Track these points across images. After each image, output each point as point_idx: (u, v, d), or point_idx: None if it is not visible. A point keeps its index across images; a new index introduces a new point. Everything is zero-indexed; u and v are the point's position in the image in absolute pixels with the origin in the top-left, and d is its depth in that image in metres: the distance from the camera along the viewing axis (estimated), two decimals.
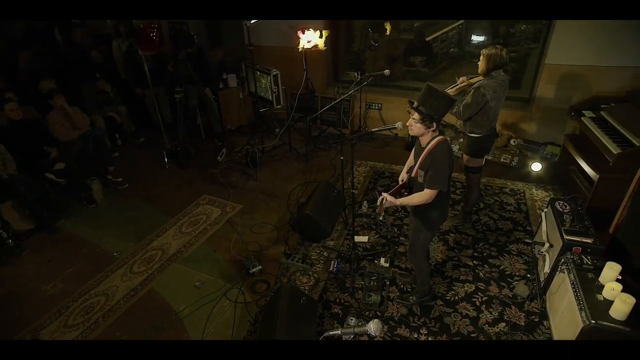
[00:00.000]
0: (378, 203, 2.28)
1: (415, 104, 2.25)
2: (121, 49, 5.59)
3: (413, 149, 2.61)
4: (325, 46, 4.60)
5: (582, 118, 3.85)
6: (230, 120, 6.02)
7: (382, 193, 2.29)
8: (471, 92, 3.08)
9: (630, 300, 2.08)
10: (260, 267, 3.30)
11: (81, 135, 4.37)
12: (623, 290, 2.26)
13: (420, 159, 2.34)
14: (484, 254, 3.35)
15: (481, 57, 3.06)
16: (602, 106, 3.93)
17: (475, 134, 3.22)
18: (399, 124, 2.42)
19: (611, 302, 2.21)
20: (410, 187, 2.52)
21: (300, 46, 4.46)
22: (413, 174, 2.42)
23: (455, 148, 4.75)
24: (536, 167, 4.37)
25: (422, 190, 2.34)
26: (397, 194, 2.44)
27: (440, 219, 2.56)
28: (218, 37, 6.35)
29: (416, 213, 2.53)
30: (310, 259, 3.39)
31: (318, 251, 3.51)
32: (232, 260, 3.48)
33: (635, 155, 3.09)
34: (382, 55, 6.26)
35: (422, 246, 2.64)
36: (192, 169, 5.03)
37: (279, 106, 4.77)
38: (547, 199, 4.03)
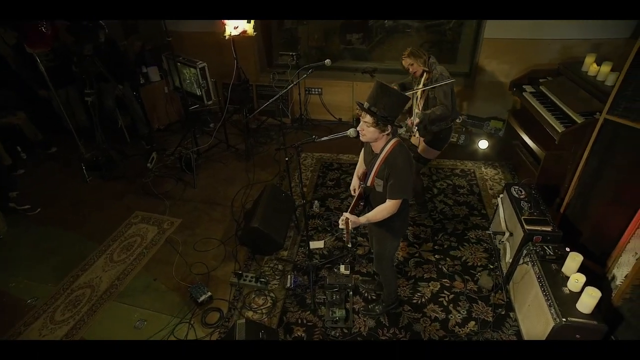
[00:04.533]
0: (341, 226, 2.00)
1: (366, 104, 1.96)
2: (6, 42, 4.63)
3: (362, 153, 2.35)
4: (255, 32, 4.12)
5: (524, 94, 3.84)
6: (158, 119, 5.37)
7: (343, 214, 2.02)
8: (438, 82, 2.89)
9: (596, 293, 2.05)
10: (209, 293, 2.93)
11: None
12: (580, 270, 2.28)
13: (376, 167, 2.08)
14: (445, 246, 3.26)
15: (410, 61, 2.98)
16: (540, 80, 3.95)
17: (443, 126, 3.08)
18: (350, 131, 2.13)
19: (576, 294, 2.19)
20: (366, 196, 2.28)
21: (227, 34, 3.94)
22: (368, 183, 2.17)
23: (401, 131, 4.59)
24: (483, 144, 4.36)
25: (381, 199, 2.11)
26: (356, 208, 2.18)
27: (405, 226, 2.37)
28: (132, 25, 5.53)
29: (378, 224, 2.30)
30: (265, 276, 3.08)
31: (272, 265, 3.21)
32: (176, 289, 3.07)
33: (577, 132, 3.10)
34: (315, 30, 5.87)
35: (389, 257, 2.44)
36: (118, 180, 4.40)
37: (210, 102, 4.26)
38: (497, 177, 4.06)
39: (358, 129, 2.03)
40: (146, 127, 5.08)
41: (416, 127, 3.09)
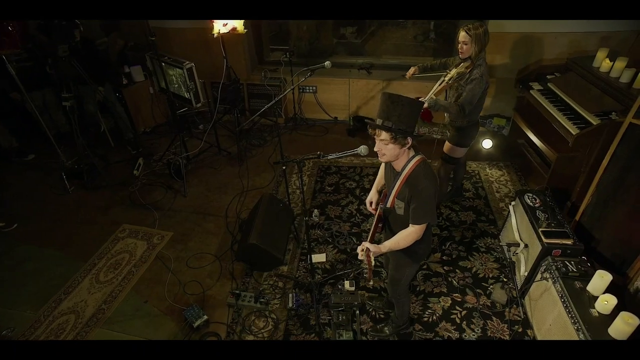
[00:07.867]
0: (360, 257, 1.77)
1: (379, 121, 1.74)
2: None
3: (381, 168, 2.14)
4: (245, 29, 3.84)
5: (531, 91, 3.65)
6: (144, 122, 5.07)
7: (362, 243, 1.79)
8: (472, 83, 2.70)
9: (634, 320, 1.87)
10: (205, 317, 2.72)
11: None
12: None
13: (396, 188, 1.87)
14: (453, 256, 3.09)
15: (467, 39, 2.67)
16: (547, 76, 3.76)
17: (465, 123, 2.93)
18: (361, 148, 1.91)
19: (607, 317, 2.03)
20: (386, 217, 2.07)
21: (215, 32, 3.66)
22: (388, 205, 1.95)
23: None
24: (487, 144, 4.17)
25: (402, 222, 1.90)
26: (376, 234, 1.98)
27: (428, 250, 2.16)
28: (113, 21, 5.16)
29: None
30: (264, 295, 2.87)
31: (271, 282, 3.00)
32: (169, 312, 2.85)
33: (592, 135, 2.94)
34: (307, 23, 5.59)
35: (406, 282, 2.25)
36: (103, 190, 4.10)
37: (199, 104, 3.99)
38: (503, 178, 3.90)
39: (375, 149, 1.80)
40: (131, 131, 4.78)
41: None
